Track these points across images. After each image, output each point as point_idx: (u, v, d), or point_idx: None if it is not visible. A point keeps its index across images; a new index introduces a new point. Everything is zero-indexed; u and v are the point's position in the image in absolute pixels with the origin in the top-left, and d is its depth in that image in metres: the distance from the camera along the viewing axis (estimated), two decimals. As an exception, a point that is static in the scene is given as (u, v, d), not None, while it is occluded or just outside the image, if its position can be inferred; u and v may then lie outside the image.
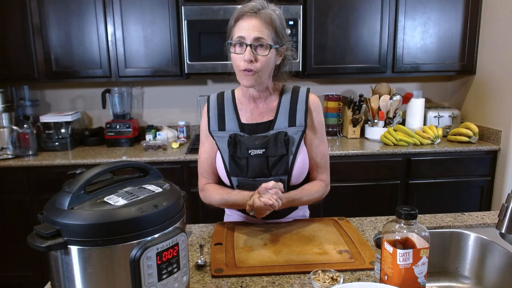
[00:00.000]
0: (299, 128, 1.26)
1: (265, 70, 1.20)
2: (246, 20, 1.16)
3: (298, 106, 1.27)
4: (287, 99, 1.28)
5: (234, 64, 1.21)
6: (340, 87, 3.11)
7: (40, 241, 0.67)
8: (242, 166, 1.25)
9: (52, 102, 2.98)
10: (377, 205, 2.56)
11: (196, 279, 1.00)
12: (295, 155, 1.25)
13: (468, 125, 2.67)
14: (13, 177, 2.38)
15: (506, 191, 2.51)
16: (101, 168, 0.76)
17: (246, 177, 1.26)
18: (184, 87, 3.02)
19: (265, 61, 1.17)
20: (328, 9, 2.61)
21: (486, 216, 1.36)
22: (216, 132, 1.30)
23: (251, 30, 1.14)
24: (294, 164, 1.25)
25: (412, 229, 0.83)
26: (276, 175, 1.25)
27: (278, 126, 1.26)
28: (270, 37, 1.17)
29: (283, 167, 1.24)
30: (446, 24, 2.70)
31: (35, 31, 2.52)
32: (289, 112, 1.26)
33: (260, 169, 1.24)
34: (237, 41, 1.17)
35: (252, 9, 1.16)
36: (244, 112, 1.31)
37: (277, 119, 1.27)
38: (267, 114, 1.29)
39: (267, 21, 1.15)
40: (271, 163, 1.24)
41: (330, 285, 0.91)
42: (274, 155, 1.23)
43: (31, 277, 2.50)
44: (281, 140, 1.23)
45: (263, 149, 1.22)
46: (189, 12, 2.47)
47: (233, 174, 1.27)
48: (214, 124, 1.31)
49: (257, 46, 1.16)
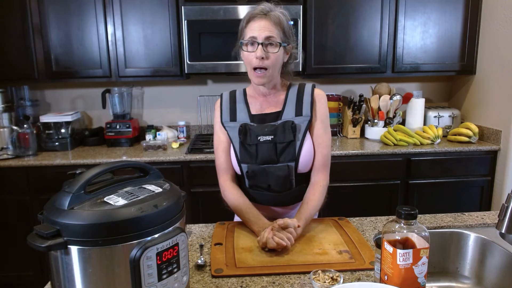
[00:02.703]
0: (305, 118, 1.33)
1: (275, 66, 1.29)
2: (257, 21, 1.25)
3: (304, 98, 1.36)
4: (294, 92, 1.37)
5: (246, 62, 1.30)
6: (340, 87, 3.11)
7: (40, 241, 0.67)
8: (251, 153, 1.32)
9: (52, 102, 2.98)
10: (377, 205, 2.56)
11: (196, 279, 1.00)
12: (302, 142, 1.32)
13: (468, 125, 2.67)
14: (13, 177, 2.38)
15: (506, 191, 2.51)
16: (101, 168, 0.76)
17: (256, 163, 1.32)
18: (184, 87, 3.02)
19: (275, 58, 1.27)
20: (328, 9, 2.61)
21: (486, 216, 1.36)
22: (228, 123, 1.38)
23: (262, 30, 1.24)
24: (301, 151, 1.32)
25: (412, 229, 0.83)
26: (284, 162, 1.31)
27: (285, 116, 1.34)
28: (279, 36, 1.26)
29: (290, 153, 1.31)
30: (446, 24, 2.70)
31: (35, 31, 2.52)
32: (296, 103, 1.35)
33: (269, 155, 1.31)
34: (249, 40, 1.26)
35: (262, 11, 1.26)
36: (254, 105, 1.39)
37: (284, 109, 1.35)
38: (275, 106, 1.37)
39: (276, 22, 1.26)
40: (279, 149, 1.31)
41: (330, 285, 0.91)
42: (282, 142, 1.30)
43: (31, 277, 2.50)
44: (288, 127, 1.30)
45: (272, 135, 1.30)
46: (189, 12, 2.47)
47: (243, 161, 1.34)
48: (226, 116, 1.39)
49: (267, 45, 1.25)
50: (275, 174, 1.31)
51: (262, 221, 1.25)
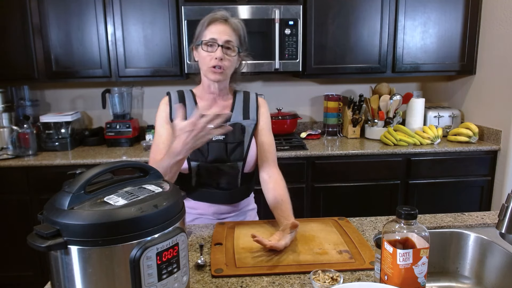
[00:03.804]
0: (252, 121, 1.43)
1: (230, 69, 1.37)
2: (218, 25, 1.33)
3: (250, 103, 1.46)
4: (240, 98, 1.47)
5: (203, 62, 1.34)
6: (340, 87, 3.11)
7: (40, 241, 0.67)
8: (203, 151, 1.36)
9: (52, 102, 2.98)
10: (377, 205, 2.56)
11: (196, 279, 1.00)
12: (249, 144, 1.41)
13: (468, 125, 2.68)
14: (13, 177, 2.38)
15: (506, 191, 2.51)
16: (101, 168, 0.76)
17: (206, 161, 1.37)
18: (184, 87, 3.01)
19: (232, 60, 1.35)
20: (328, 9, 2.61)
21: (486, 216, 1.36)
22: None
23: (222, 34, 1.32)
24: (249, 152, 1.40)
25: (412, 229, 0.83)
26: (234, 161, 1.39)
27: (234, 118, 1.42)
28: (236, 42, 1.35)
29: (239, 153, 1.39)
30: (446, 24, 2.70)
31: (35, 31, 2.52)
32: (243, 108, 1.45)
33: (220, 154, 1.37)
34: (210, 41, 1.31)
35: (223, 17, 1.34)
36: (203, 106, 1.43)
37: (233, 113, 1.43)
38: (223, 108, 1.44)
39: (235, 29, 1.35)
40: (229, 149, 1.38)
41: (330, 285, 0.91)
42: (233, 142, 1.38)
43: (31, 277, 2.50)
44: (238, 129, 1.39)
45: (223, 135, 1.36)
46: (189, 12, 2.47)
47: (193, 159, 1.37)
48: (175, 113, 1.37)
49: (226, 48, 1.32)
50: (224, 172, 1.37)
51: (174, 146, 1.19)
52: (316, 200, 2.51)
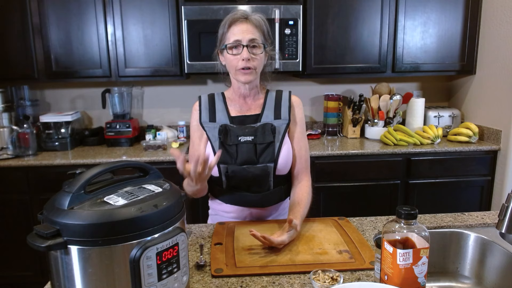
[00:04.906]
0: (283, 121, 1.37)
1: (259, 67, 1.33)
2: (239, 25, 1.29)
3: (282, 102, 1.40)
4: (272, 97, 1.41)
5: (231, 65, 1.32)
6: (340, 87, 3.11)
7: (40, 241, 0.67)
8: (231, 153, 1.33)
9: (52, 102, 2.98)
10: (377, 205, 2.56)
11: (196, 279, 1.00)
12: (280, 144, 1.35)
13: (468, 125, 2.67)
14: (13, 177, 2.38)
15: (506, 191, 2.51)
16: (101, 168, 0.76)
17: (235, 164, 1.33)
18: (184, 87, 3.02)
19: (260, 59, 1.31)
20: (328, 9, 2.61)
21: (486, 216, 1.36)
22: (207, 124, 1.38)
23: (245, 33, 1.28)
24: (280, 153, 1.34)
25: (412, 229, 0.83)
26: (264, 162, 1.33)
27: (264, 118, 1.37)
28: (261, 38, 1.31)
29: (270, 154, 1.33)
30: (446, 24, 2.70)
31: (35, 31, 2.52)
32: (275, 107, 1.39)
33: (249, 156, 1.32)
34: (234, 44, 1.28)
35: (243, 15, 1.30)
36: (234, 107, 1.41)
37: (263, 112, 1.38)
38: (254, 109, 1.40)
39: (257, 25, 1.30)
40: (259, 150, 1.33)
41: (330, 285, 0.91)
42: (262, 143, 1.33)
43: (31, 277, 2.50)
44: (268, 129, 1.34)
45: (252, 136, 1.32)
46: (189, 12, 2.47)
47: (222, 161, 1.34)
48: (205, 116, 1.39)
49: (251, 47, 1.28)
50: (254, 174, 1.32)
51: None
52: (316, 200, 2.50)
